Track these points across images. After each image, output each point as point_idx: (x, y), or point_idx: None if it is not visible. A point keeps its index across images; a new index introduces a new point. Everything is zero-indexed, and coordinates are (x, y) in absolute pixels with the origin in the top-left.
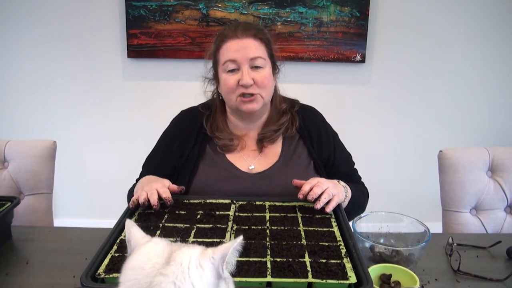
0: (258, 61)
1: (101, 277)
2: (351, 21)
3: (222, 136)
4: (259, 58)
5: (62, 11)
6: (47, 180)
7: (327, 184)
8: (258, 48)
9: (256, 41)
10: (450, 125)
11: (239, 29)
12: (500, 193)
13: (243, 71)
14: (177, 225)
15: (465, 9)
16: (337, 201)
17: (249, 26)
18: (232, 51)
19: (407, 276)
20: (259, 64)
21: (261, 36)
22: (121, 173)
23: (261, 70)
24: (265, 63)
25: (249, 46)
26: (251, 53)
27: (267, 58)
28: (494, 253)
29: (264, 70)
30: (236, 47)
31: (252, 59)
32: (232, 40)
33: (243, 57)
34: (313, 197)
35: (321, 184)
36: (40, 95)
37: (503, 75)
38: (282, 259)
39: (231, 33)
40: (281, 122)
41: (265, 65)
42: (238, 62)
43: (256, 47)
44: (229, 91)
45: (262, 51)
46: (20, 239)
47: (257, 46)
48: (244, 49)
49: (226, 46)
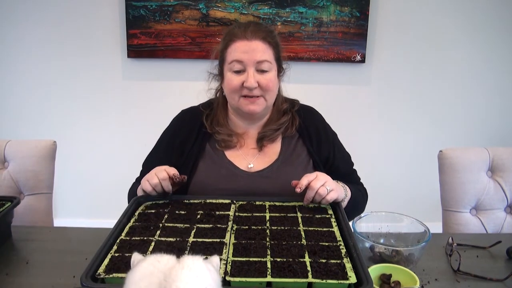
0: (265, 65)
1: (101, 277)
2: (351, 21)
3: (222, 131)
4: (265, 62)
5: (62, 11)
6: (47, 180)
7: (324, 178)
8: (265, 51)
9: (265, 44)
10: (450, 125)
11: (249, 30)
12: (500, 193)
13: (249, 74)
14: (177, 225)
15: (464, 10)
16: (337, 196)
17: (259, 28)
18: (240, 52)
19: (407, 276)
20: (265, 68)
21: (270, 39)
22: (121, 173)
23: (266, 73)
24: (271, 67)
25: (257, 49)
26: (258, 56)
27: (273, 61)
28: (494, 253)
29: (269, 73)
30: (244, 48)
31: (259, 62)
32: (241, 41)
33: (250, 59)
34: (308, 201)
35: (319, 178)
36: (40, 95)
37: (503, 75)
38: (282, 259)
39: (241, 33)
40: (281, 122)
41: (271, 69)
42: (245, 63)
43: (264, 50)
44: (232, 91)
45: (269, 55)
46: (20, 239)
47: (264, 50)
48: (252, 51)
49: (234, 45)
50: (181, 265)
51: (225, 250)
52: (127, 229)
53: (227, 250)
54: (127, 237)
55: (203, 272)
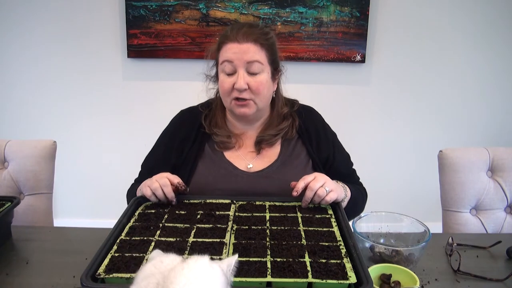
0: (255, 66)
1: (101, 277)
2: (351, 21)
3: (220, 133)
4: (256, 63)
5: (62, 11)
6: (47, 180)
7: (323, 179)
8: (257, 53)
9: (256, 46)
10: (450, 125)
11: (241, 33)
12: (500, 193)
13: (239, 75)
14: (177, 225)
15: (464, 10)
16: (336, 196)
17: (252, 30)
18: (230, 53)
19: (407, 276)
20: (255, 70)
21: (262, 41)
22: (121, 173)
23: (257, 76)
24: (262, 68)
25: (248, 50)
26: (248, 57)
27: (266, 63)
28: (494, 253)
29: (260, 76)
30: (234, 49)
31: (249, 62)
32: (232, 43)
33: (240, 59)
34: (306, 202)
35: (318, 179)
36: (40, 95)
37: (503, 75)
38: (282, 259)
39: (233, 35)
40: (281, 127)
41: (262, 71)
42: (235, 64)
43: (255, 51)
44: (224, 94)
45: (261, 56)
46: (20, 239)
47: (256, 51)
48: (242, 52)
49: (226, 47)
50: (182, 265)
51: (225, 250)
52: (127, 229)
53: (227, 250)
54: (127, 237)
55: (204, 274)
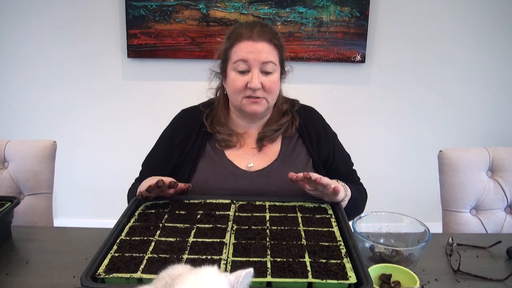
0: (269, 66)
1: (101, 277)
2: (351, 21)
3: (222, 131)
4: (270, 63)
5: (62, 11)
6: (47, 180)
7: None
8: (271, 53)
9: (270, 46)
10: (450, 125)
11: (256, 31)
12: (500, 193)
13: (253, 74)
14: (177, 225)
15: (464, 9)
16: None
17: (265, 29)
18: (246, 52)
19: (407, 276)
20: (269, 69)
21: (275, 41)
22: (121, 173)
23: (270, 75)
24: (275, 68)
25: (263, 50)
26: (263, 57)
27: (277, 63)
28: (494, 253)
29: (273, 75)
30: (250, 48)
31: (264, 63)
32: (247, 41)
33: (255, 59)
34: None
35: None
36: (40, 95)
37: (503, 75)
38: (282, 259)
39: (247, 33)
40: (282, 122)
41: (274, 71)
42: (250, 63)
43: (269, 51)
44: (236, 92)
45: (274, 56)
46: (20, 239)
47: (270, 51)
48: (257, 52)
49: (240, 45)
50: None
51: (225, 250)
52: (127, 229)
53: (227, 250)
54: (127, 237)
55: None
